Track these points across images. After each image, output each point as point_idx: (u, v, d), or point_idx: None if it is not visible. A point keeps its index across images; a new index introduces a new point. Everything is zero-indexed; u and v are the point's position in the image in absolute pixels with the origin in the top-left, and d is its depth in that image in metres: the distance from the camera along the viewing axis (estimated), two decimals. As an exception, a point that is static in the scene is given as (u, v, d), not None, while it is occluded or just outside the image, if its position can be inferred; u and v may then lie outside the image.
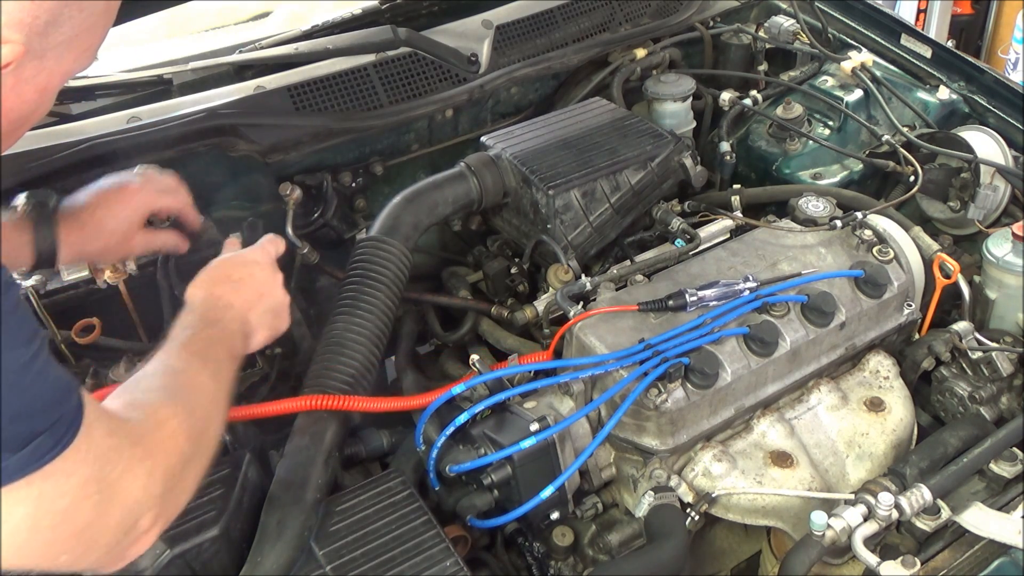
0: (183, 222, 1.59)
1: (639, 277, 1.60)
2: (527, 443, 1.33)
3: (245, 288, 1.34)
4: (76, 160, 1.65)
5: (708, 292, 1.47)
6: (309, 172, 1.87)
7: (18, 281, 1.49)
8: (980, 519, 1.33)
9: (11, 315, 0.86)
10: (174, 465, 1.04)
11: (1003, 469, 1.40)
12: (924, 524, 1.34)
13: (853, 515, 1.31)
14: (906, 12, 4.49)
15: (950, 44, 2.88)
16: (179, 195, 1.57)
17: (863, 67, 2.06)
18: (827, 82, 2.10)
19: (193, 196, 1.73)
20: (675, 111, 2.04)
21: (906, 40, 2.17)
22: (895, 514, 1.31)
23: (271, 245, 1.44)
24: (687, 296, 1.46)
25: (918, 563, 1.25)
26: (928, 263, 1.69)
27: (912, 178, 1.86)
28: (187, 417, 1.08)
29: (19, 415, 0.86)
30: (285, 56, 1.93)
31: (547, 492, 1.35)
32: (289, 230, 1.76)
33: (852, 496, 1.36)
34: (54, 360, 0.92)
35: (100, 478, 0.94)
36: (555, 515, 1.41)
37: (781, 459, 1.45)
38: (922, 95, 2.06)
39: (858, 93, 2.06)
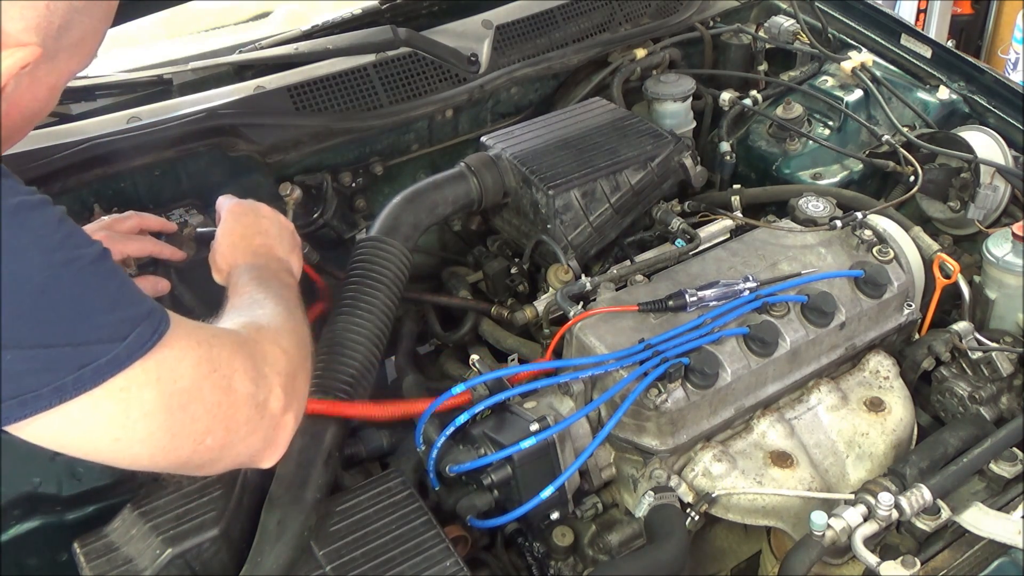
0: (162, 257, 1.56)
1: (639, 277, 1.60)
2: (527, 443, 1.33)
3: (264, 231, 1.43)
4: (76, 160, 1.65)
5: (708, 292, 1.47)
6: (309, 172, 1.87)
7: None
8: (980, 519, 1.33)
9: (65, 220, 0.95)
10: (273, 353, 1.13)
11: (1003, 469, 1.40)
12: (924, 524, 1.34)
13: (853, 515, 1.31)
14: (906, 12, 4.49)
15: (950, 44, 2.88)
16: (143, 240, 1.53)
17: (863, 67, 2.06)
18: (827, 82, 2.10)
19: (193, 196, 1.74)
20: (675, 111, 2.04)
21: (906, 40, 2.17)
22: (895, 514, 1.31)
23: (230, 197, 1.52)
24: (687, 296, 1.46)
25: (918, 563, 1.25)
26: (928, 263, 1.69)
27: (912, 178, 1.86)
28: (266, 324, 1.18)
29: (113, 305, 0.95)
30: (285, 56, 1.93)
31: (547, 492, 1.35)
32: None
33: (852, 496, 1.36)
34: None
35: (210, 358, 1.03)
36: (555, 515, 1.41)
37: (781, 459, 1.45)
38: (922, 95, 2.06)
39: (858, 93, 2.06)
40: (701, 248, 1.72)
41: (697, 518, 1.39)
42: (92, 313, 0.93)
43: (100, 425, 0.95)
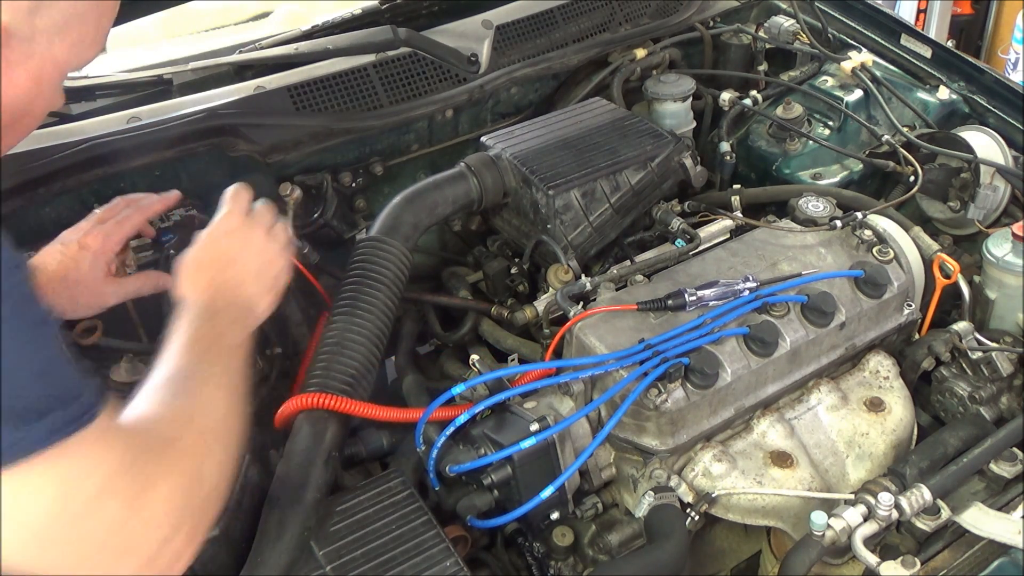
0: (157, 212, 1.53)
1: (639, 277, 1.60)
2: (527, 443, 1.33)
3: (243, 262, 1.31)
4: (76, 160, 1.65)
5: (707, 292, 1.47)
6: (309, 172, 1.87)
7: None
8: (980, 519, 1.33)
9: (21, 269, 0.85)
10: (193, 482, 0.99)
11: (1003, 469, 1.40)
12: (924, 524, 1.34)
13: (853, 515, 1.31)
14: (906, 12, 4.49)
15: (950, 44, 2.88)
16: (134, 214, 1.49)
17: (863, 67, 2.06)
18: (827, 82, 2.09)
19: (193, 196, 1.74)
20: (675, 111, 2.04)
21: (906, 40, 2.17)
22: (895, 514, 1.31)
23: (236, 201, 1.37)
24: (686, 296, 1.46)
25: (918, 563, 1.25)
26: (928, 263, 1.69)
27: (912, 178, 1.86)
28: (201, 425, 1.05)
29: (43, 373, 0.84)
30: (285, 56, 1.93)
31: (547, 492, 1.35)
32: (289, 230, 1.76)
33: (852, 496, 1.36)
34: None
35: (129, 471, 0.89)
36: (555, 515, 1.41)
37: (781, 459, 1.45)
38: (922, 95, 2.06)
39: (858, 93, 2.06)
40: (701, 248, 1.72)
41: (697, 518, 1.39)
42: (14, 374, 0.81)
43: None
